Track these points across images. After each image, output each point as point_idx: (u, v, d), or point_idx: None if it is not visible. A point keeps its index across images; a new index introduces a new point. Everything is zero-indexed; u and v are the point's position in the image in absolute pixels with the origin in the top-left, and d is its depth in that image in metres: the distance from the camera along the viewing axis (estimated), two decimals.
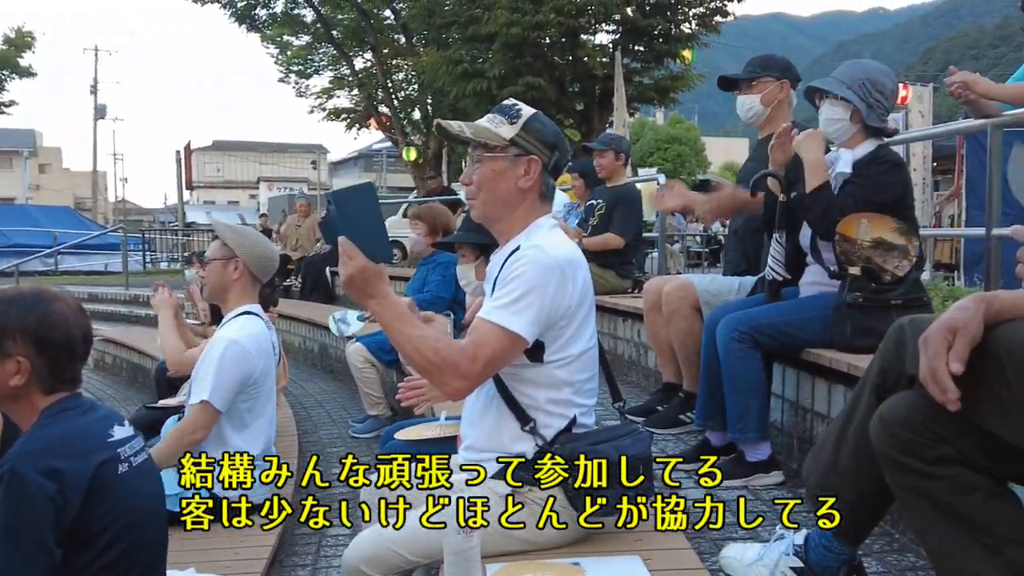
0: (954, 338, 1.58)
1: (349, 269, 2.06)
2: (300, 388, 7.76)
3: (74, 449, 2.04)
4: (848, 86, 3.15)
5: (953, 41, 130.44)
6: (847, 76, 3.19)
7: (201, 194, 63.85)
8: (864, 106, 3.13)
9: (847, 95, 3.13)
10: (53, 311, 2.11)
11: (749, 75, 3.86)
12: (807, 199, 3.11)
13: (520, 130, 2.22)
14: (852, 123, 3.17)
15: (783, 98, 3.85)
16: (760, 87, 3.83)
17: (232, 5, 19.43)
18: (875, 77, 3.16)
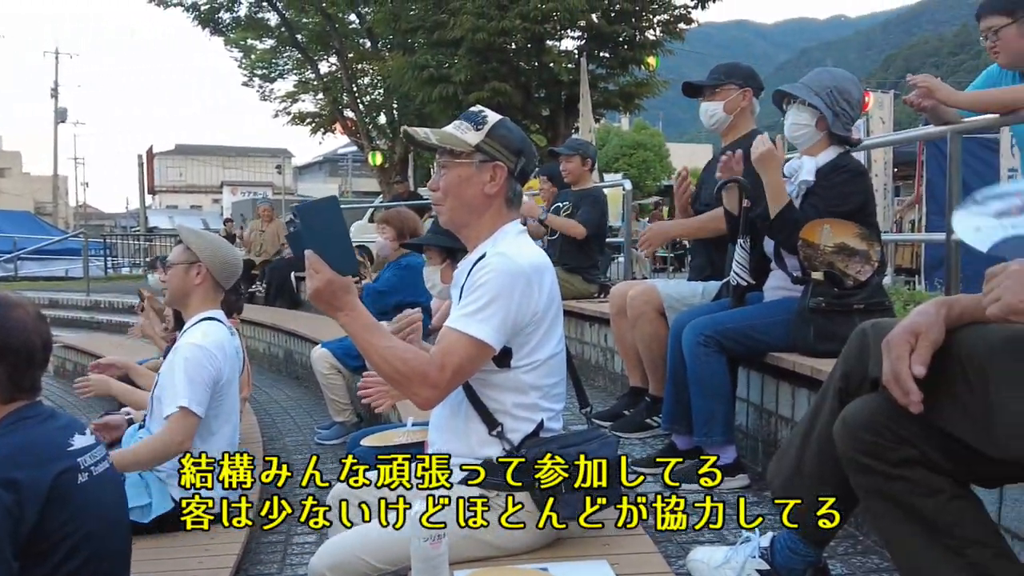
0: (916, 341, 1.60)
1: (316, 282, 2.05)
2: (265, 395, 7.69)
3: (33, 458, 2.00)
4: (816, 92, 3.18)
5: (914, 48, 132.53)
6: (815, 83, 3.22)
7: (163, 198, 63.19)
8: (830, 114, 3.16)
9: (814, 101, 3.17)
10: (11, 318, 2.08)
11: (713, 82, 3.90)
12: (773, 222, 3.14)
13: (486, 136, 2.23)
14: (817, 130, 3.21)
15: (745, 106, 3.89)
16: (723, 94, 3.87)
17: (195, 9, 19.24)
18: (843, 85, 3.20)
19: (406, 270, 5.62)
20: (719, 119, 3.89)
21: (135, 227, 36.78)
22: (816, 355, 3.03)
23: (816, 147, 3.24)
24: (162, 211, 54.91)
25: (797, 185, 3.20)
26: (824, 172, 3.17)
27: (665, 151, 41.26)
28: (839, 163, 3.18)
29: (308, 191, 55.23)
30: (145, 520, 3.20)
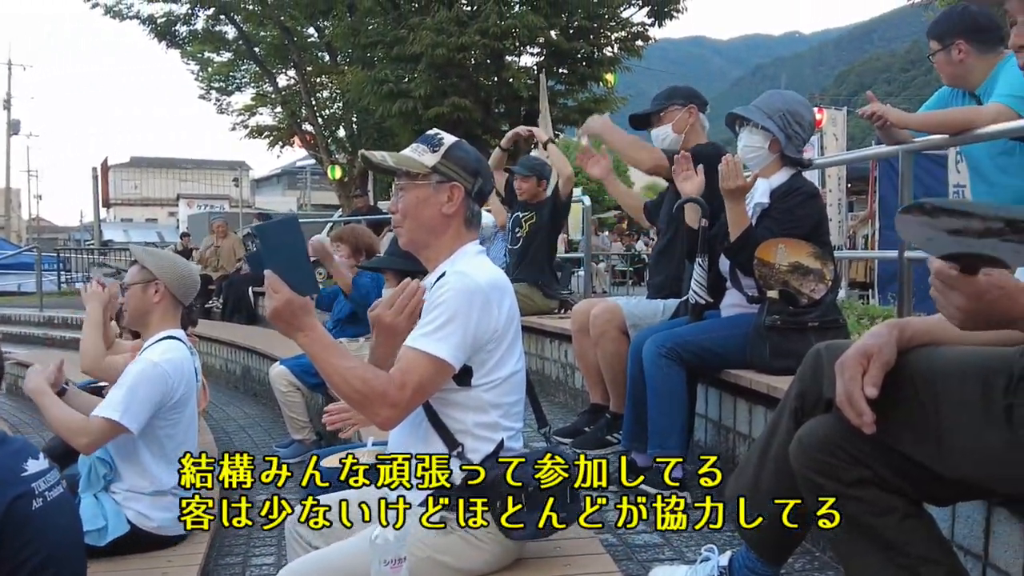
0: (869, 363, 1.64)
1: (275, 302, 2.05)
2: (222, 412, 7.59)
3: None
4: (768, 115, 3.24)
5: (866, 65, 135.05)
6: (768, 105, 3.28)
7: (118, 211, 62.32)
8: (783, 136, 3.22)
9: (767, 124, 3.22)
10: None
11: (656, 107, 3.98)
12: (733, 245, 3.20)
13: (442, 158, 2.26)
14: (770, 152, 3.27)
15: (693, 122, 3.97)
16: (669, 116, 3.96)
17: (152, 21, 19.03)
18: (795, 108, 3.26)
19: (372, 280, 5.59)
20: (671, 140, 3.96)
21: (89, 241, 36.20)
22: (772, 372, 3.08)
23: (769, 169, 3.30)
24: (117, 224, 54.13)
25: (752, 207, 3.25)
26: (778, 194, 3.23)
27: (624, 167, 41.54)
28: (793, 185, 3.24)
29: (266, 204, 54.78)
30: (101, 543, 3.14)
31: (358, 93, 14.49)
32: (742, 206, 3.21)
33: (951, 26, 3.53)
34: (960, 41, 3.48)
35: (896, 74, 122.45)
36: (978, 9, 3.50)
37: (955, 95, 3.73)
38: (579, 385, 5.17)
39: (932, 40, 3.62)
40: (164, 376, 3.24)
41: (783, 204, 3.19)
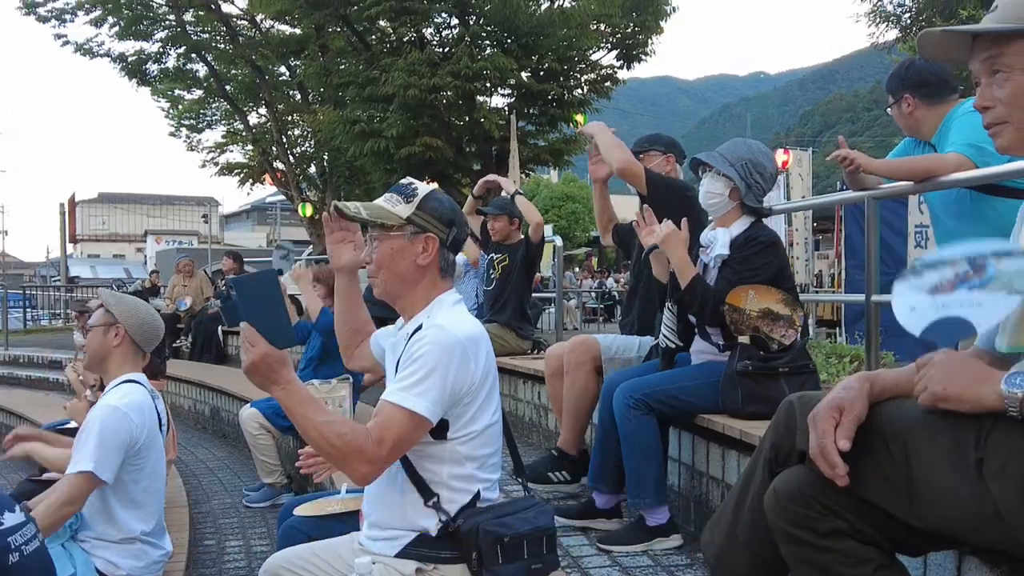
0: (841, 416, 1.67)
1: (251, 356, 2.01)
2: (190, 454, 7.51)
3: None
4: (731, 163, 3.30)
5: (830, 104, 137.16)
6: (731, 153, 3.35)
7: (85, 247, 61.77)
8: (743, 185, 3.28)
9: (728, 172, 3.29)
10: None
11: (638, 148, 4.05)
12: (684, 296, 3.25)
13: (416, 208, 2.26)
14: (730, 199, 3.33)
15: (669, 170, 4.04)
16: (648, 160, 4.03)
17: (123, 60, 19.00)
18: (757, 159, 3.33)
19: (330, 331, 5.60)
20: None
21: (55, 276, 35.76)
22: (744, 417, 3.11)
23: (728, 217, 3.36)
24: (84, 260, 53.60)
25: (713, 258, 3.30)
26: (737, 244, 3.28)
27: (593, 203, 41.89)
28: (751, 235, 3.28)
29: (235, 240, 54.55)
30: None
31: (330, 133, 14.52)
32: (683, 256, 3.27)
33: (899, 81, 3.66)
34: (907, 95, 3.60)
35: (860, 113, 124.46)
36: (922, 64, 3.63)
37: (917, 144, 3.83)
38: (552, 427, 5.17)
39: (889, 93, 3.75)
40: (127, 419, 3.20)
41: (741, 253, 3.24)
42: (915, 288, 1.71)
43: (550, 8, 13.52)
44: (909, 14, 16.33)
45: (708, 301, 3.18)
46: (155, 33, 18.84)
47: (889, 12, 16.48)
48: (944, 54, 1.87)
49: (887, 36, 16.79)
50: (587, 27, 13.30)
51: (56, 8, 18.31)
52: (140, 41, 18.83)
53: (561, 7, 13.50)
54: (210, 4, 18.19)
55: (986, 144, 3.42)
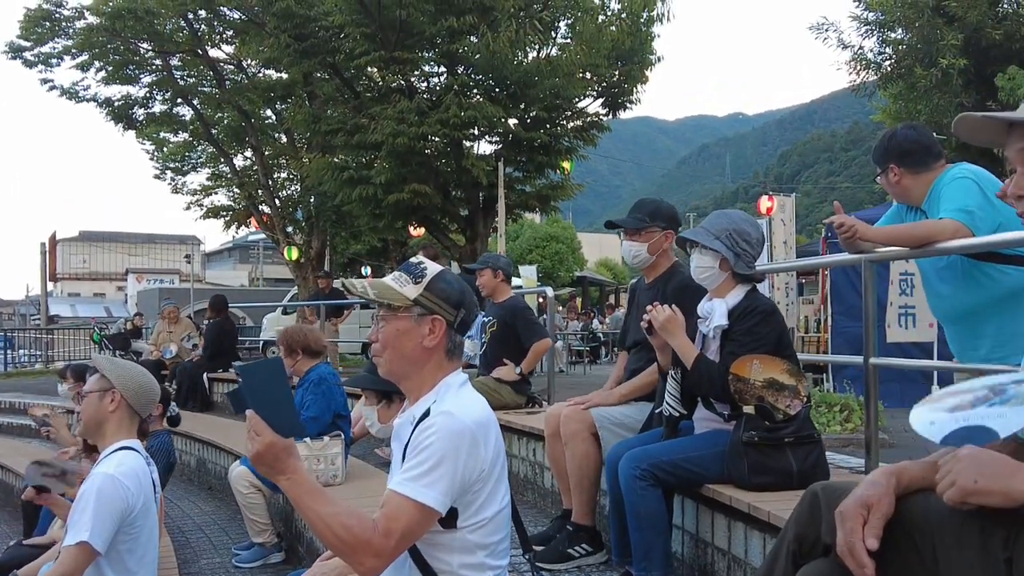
0: (868, 514, 1.67)
1: (257, 445, 1.99)
2: (177, 509, 7.38)
3: None
4: (716, 236, 3.35)
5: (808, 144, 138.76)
6: (715, 227, 3.40)
7: (65, 286, 61.26)
8: (732, 255, 3.32)
9: (715, 245, 3.33)
10: None
11: (637, 224, 4.05)
12: (691, 377, 3.28)
13: (424, 290, 2.24)
14: (721, 271, 3.36)
15: (667, 247, 4.08)
16: (647, 236, 4.05)
17: (109, 104, 19.02)
18: (741, 227, 3.38)
19: (319, 385, 5.57)
20: (643, 259, 4.08)
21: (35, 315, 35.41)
22: (750, 488, 3.11)
23: (723, 288, 3.39)
24: (64, 299, 53.22)
25: (712, 329, 3.32)
26: (736, 314, 3.30)
27: (577, 243, 42.10)
28: (750, 305, 3.32)
29: (217, 278, 54.33)
30: None
31: (317, 178, 14.54)
32: (683, 340, 3.32)
33: (883, 152, 3.74)
34: (893, 165, 3.68)
35: (837, 153, 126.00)
36: (903, 134, 3.72)
37: (909, 210, 3.88)
38: (548, 485, 5.14)
39: (875, 164, 3.82)
40: (123, 489, 3.17)
41: (743, 325, 3.26)
42: (934, 409, 1.73)
43: (537, 58, 13.66)
44: (889, 61, 16.59)
45: (715, 378, 3.19)
46: (142, 77, 18.90)
47: (869, 60, 16.74)
48: (981, 137, 1.91)
49: (867, 82, 17.05)
50: (574, 76, 13.44)
51: (43, 53, 18.36)
52: (126, 85, 18.88)
53: (548, 57, 13.65)
54: (196, 49, 18.28)
55: (976, 209, 3.48)
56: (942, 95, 15.09)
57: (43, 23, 18.10)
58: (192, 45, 18.21)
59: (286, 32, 14.12)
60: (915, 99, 15.73)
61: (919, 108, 15.52)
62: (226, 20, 17.94)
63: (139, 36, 17.70)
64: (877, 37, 16.57)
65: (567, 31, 14.70)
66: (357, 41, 13.51)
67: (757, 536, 3.05)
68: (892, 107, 16.97)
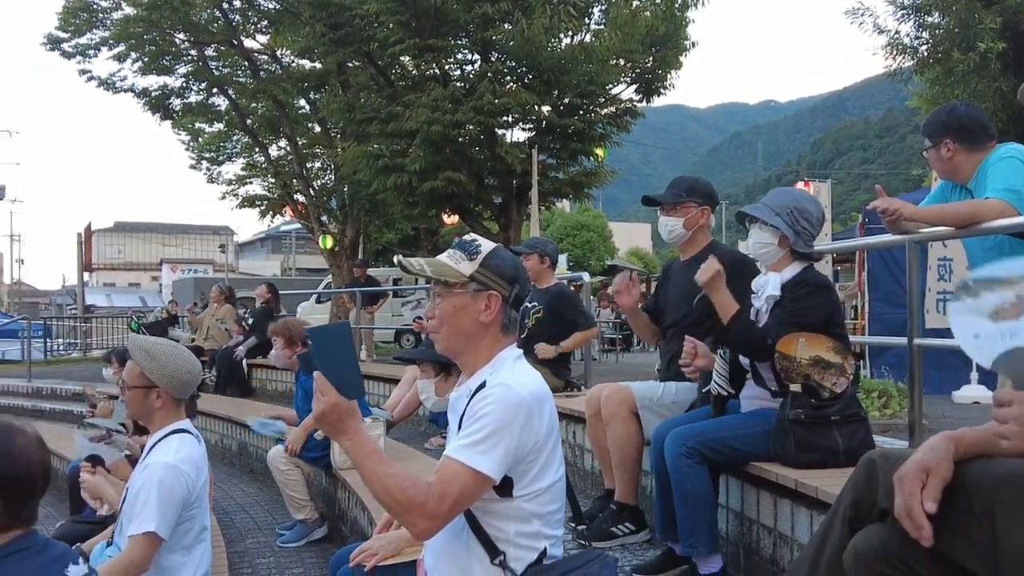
0: (927, 478, 1.69)
1: (322, 405, 2.07)
2: (220, 491, 7.48)
3: None
4: (776, 212, 3.35)
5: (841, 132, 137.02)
6: (776, 203, 3.39)
7: (101, 276, 62.17)
8: (792, 232, 3.32)
9: (775, 222, 3.32)
10: (16, 445, 2.05)
11: (674, 199, 4.06)
12: (728, 332, 3.29)
13: (479, 266, 2.29)
14: (779, 247, 3.36)
15: (704, 223, 4.09)
16: (683, 211, 4.05)
17: (146, 95, 19.23)
18: (802, 205, 3.37)
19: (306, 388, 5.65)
20: (679, 234, 4.08)
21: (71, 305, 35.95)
22: (796, 466, 3.13)
23: (780, 263, 3.39)
24: (99, 289, 53.99)
25: (764, 300, 3.33)
26: (788, 287, 3.31)
27: (608, 231, 42.02)
28: (803, 277, 3.33)
29: (250, 268, 54.85)
30: None
31: (352, 167, 14.63)
32: (724, 296, 3.31)
33: (940, 126, 3.70)
34: (948, 140, 3.65)
35: (871, 140, 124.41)
36: (964, 110, 3.69)
37: (954, 189, 3.86)
38: (588, 467, 5.18)
39: (925, 137, 3.79)
40: (184, 476, 3.24)
41: (793, 294, 3.28)
42: (973, 311, 1.71)
43: (571, 45, 13.64)
44: (926, 46, 16.35)
45: (752, 338, 3.20)
46: (177, 68, 19.10)
47: (906, 44, 16.50)
48: None
49: (903, 67, 16.81)
50: (608, 62, 13.40)
51: (80, 44, 18.60)
52: (163, 76, 19.08)
53: (582, 43, 13.62)
54: (231, 40, 18.44)
55: (1023, 189, 3.46)
56: (980, 79, 14.84)
57: (81, 14, 18.34)
58: (227, 35, 18.37)
59: (321, 21, 14.21)
60: (952, 84, 15.49)
61: (957, 93, 15.28)
62: (261, 10, 18.08)
63: (175, 26, 17.87)
64: (914, 21, 16.31)
65: (601, 17, 14.66)
66: (391, 29, 13.56)
67: (804, 512, 3.06)
68: (929, 92, 16.73)
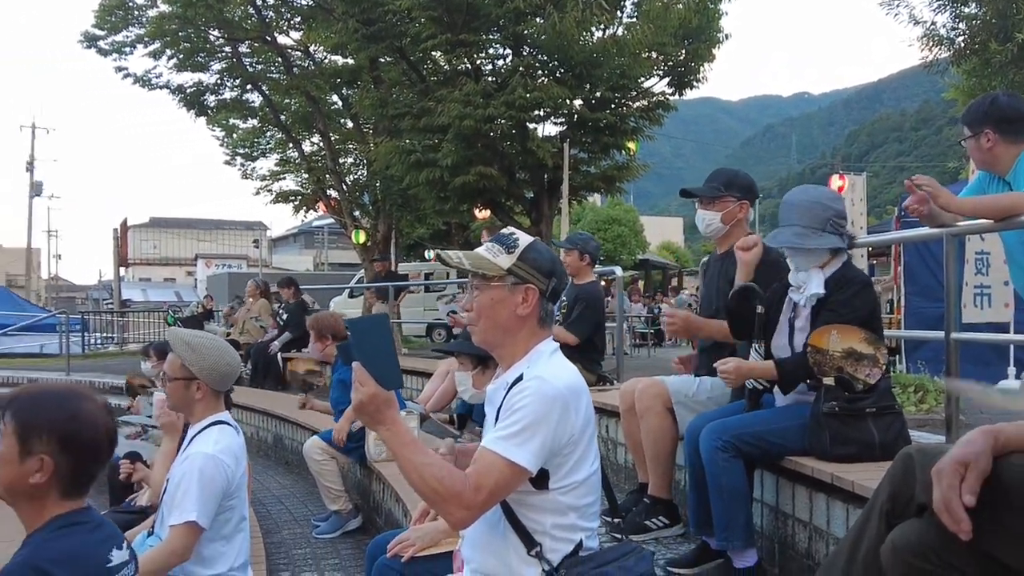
0: (966, 472, 1.69)
1: (361, 395, 2.10)
2: (257, 483, 7.56)
3: (77, 569, 2.00)
4: (821, 229, 3.26)
5: (876, 124, 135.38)
6: (814, 218, 3.27)
7: (136, 271, 62.93)
8: (836, 238, 3.27)
9: (827, 242, 3.26)
10: (84, 410, 2.08)
11: (712, 193, 4.04)
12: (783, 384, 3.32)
13: (517, 260, 2.31)
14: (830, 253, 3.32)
15: (742, 217, 4.05)
16: (721, 205, 4.02)
17: (181, 91, 19.46)
18: (834, 206, 3.33)
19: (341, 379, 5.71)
20: (716, 228, 4.05)
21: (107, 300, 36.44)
22: (831, 459, 3.11)
23: (822, 260, 3.33)
24: (135, 284, 54.72)
25: (807, 297, 3.29)
26: (832, 283, 3.27)
27: (639, 226, 41.83)
28: (847, 275, 3.29)
29: (283, 263, 55.31)
30: None
31: (385, 162, 14.71)
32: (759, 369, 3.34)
33: (980, 116, 3.62)
34: (988, 130, 3.57)
35: (907, 133, 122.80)
36: (1006, 100, 3.62)
37: (992, 180, 3.81)
38: (621, 461, 5.19)
39: (964, 126, 3.73)
40: (223, 467, 3.29)
41: (840, 295, 3.24)
42: None
43: (603, 38, 13.60)
44: (963, 37, 16.13)
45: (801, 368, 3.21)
46: (212, 65, 19.31)
47: (942, 35, 16.28)
48: None
49: (939, 58, 16.58)
50: (640, 56, 13.34)
51: (116, 42, 18.85)
52: (197, 72, 19.32)
53: (614, 37, 13.57)
54: (265, 36, 18.60)
55: None
56: (1018, 70, 14.62)
57: (116, 12, 18.58)
58: (260, 32, 18.53)
59: (354, 17, 14.28)
60: (990, 75, 15.26)
61: (994, 84, 15.05)
62: (294, 6, 18.23)
63: (209, 23, 18.05)
64: (950, 12, 16.08)
65: (633, 10, 14.59)
66: (424, 24, 13.60)
67: (840, 507, 3.06)
68: (965, 84, 16.48)
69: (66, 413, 2.05)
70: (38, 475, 2.01)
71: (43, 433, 2.02)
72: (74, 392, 2.13)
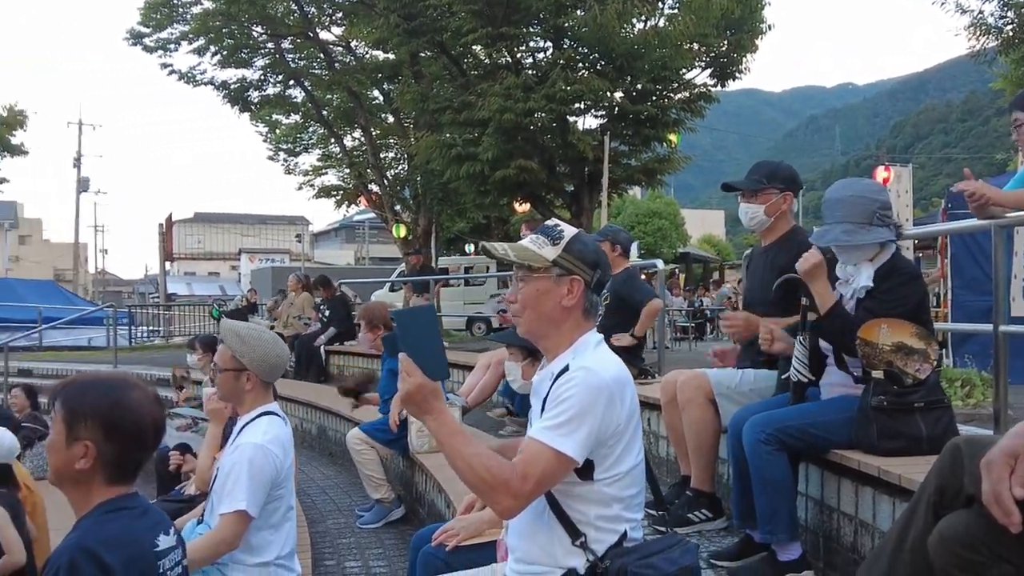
0: (1016, 463, 1.68)
1: (407, 386, 2.13)
2: (302, 474, 7.66)
3: (124, 554, 2.03)
4: (869, 223, 3.21)
5: (922, 115, 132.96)
6: (860, 213, 3.22)
7: (181, 265, 63.79)
8: (885, 230, 3.23)
9: (878, 237, 3.22)
10: (129, 398, 2.12)
11: (754, 186, 3.99)
12: (825, 324, 3.23)
13: (562, 251, 2.31)
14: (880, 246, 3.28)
15: (786, 209, 4.00)
16: (764, 197, 3.97)
17: (225, 87, 19.74)
18: (880, 198, 3.28)
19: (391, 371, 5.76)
20: (759, 221, 4.00)
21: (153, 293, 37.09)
22: (878, 453, 3.08)
23: (872, 253, 3.29)
24: (180, 278, 55.51)
25: (855, 289, 3.26)
26: (881, 274, 3.23)
27: (680, 219, 41.60)
28: (895, 266, 3.25)
29: (325, 258, 55.82)
30: None
31: (426, 156, 14.80)
32: (824, 286, 3.26)
33: None
34: None
35: (953, 124, 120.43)
36: None
37: None
38: (663, 454, 5.18)
39: (1016, 110, 3.66)
40: (272, 456, 3.33)
41: (887, 284, 3.20)
42: None
43: (644, 30, 13.54)
44: (1011, 25, 15.82)
45: (848, 330, 3.15)
46: (255, 61, 19.57)
47: (990, 24, 15.97)
48: None
49: (987, 47, 16.28)
50: (682, 47, 13.28)
51: (161, 39, 19.16)
52: (241, 69, 19.59)
53: (656, 28, 13.51)
54: (307, 32, 18.80)
55: None
56: None
57: (161, 9, 18.88)
58: (303, 28, 18.73)
59: (395, 12, 14.39)
60: None
61: None
62: (335, 2, 18.39)
63: (252, 20, 18.28)
64: (998, 1, 15.81)
65: (675, 1, 14.53)
66: (464, 18, 13.66)
67: (886, 500, 3.03)
68: (1013, 73, 16.18)
69: (111, 400, 2.09)
70: (83, 461, 2.06)
71: (88, 419, 2.07)
72: (122, 381, 2.16)
